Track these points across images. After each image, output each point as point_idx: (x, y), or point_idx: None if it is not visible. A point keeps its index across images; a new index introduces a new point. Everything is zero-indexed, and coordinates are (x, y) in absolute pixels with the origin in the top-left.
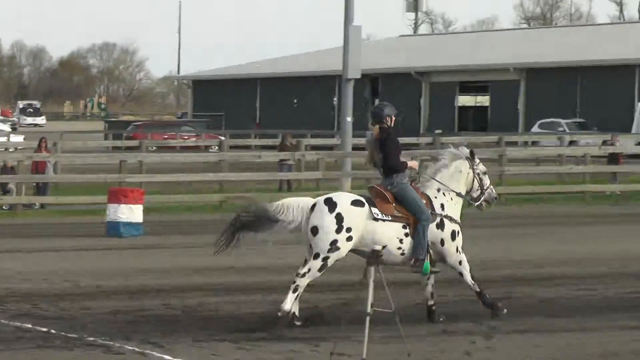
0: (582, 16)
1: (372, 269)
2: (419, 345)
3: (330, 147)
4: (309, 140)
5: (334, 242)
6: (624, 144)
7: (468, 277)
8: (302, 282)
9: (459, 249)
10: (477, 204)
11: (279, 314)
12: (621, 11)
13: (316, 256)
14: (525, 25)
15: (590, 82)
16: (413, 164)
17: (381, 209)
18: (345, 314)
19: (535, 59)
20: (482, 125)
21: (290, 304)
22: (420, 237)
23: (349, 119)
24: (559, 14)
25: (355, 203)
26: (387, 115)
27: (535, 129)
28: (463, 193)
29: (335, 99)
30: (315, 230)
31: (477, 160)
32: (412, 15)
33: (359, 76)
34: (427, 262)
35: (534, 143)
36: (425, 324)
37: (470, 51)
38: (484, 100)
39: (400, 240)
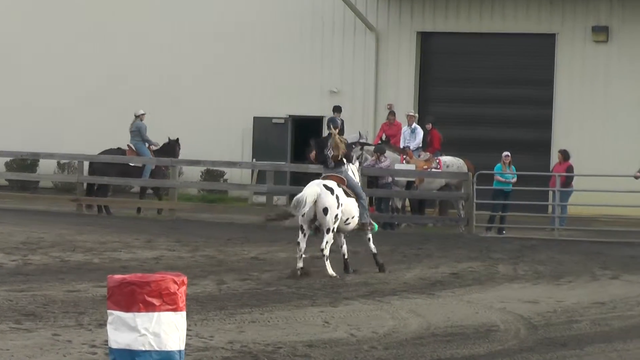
0: None
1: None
2: None
3: None
4: None
5: (336, 216)
6: None
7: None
8: (327, 251)
9: None
10: None
11: (333, 276)
12: None
13: (328, 230)
14: None
15: None
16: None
17: (345, 191)
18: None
19: None
20: None
21: (330, 268)
22: (363, 209)
23: None
24: None
25: (339, 186)
26: (340, 123)
27: None
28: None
29: None
30: (326, 210)
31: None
32: None
33: None
34: (375, 223)
35: None
36: None
37: None
38: None
39: (356, 211)
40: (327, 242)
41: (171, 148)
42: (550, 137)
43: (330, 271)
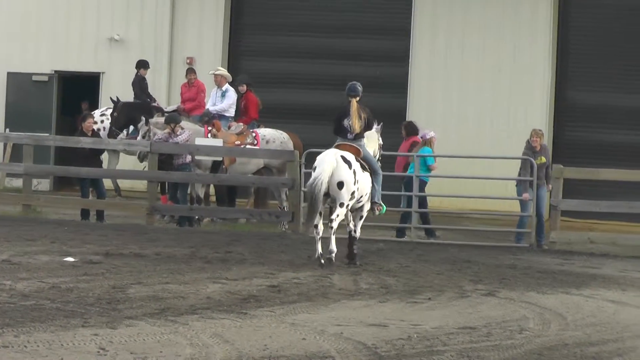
0: None
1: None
2: None
3: None
4: None
5: (352, 192)
6: None
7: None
8: (335, 225)
9: None
10: None
11: (332, 255)
12: None
13: (341, 205)
14: None
15: None
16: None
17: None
18: None
19: None
20: None
21: (334, 244)
22: (377, 186)
23: None
24: None
25: (356, 159)
26: (361, 91)
27: None
28: (372, 153)
29: None
30: (341, 185)
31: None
32: None
33: None
34: (384, 205)
35: None
36: None
37: None
38: None
39: (369, 188)
40: (337, 215)
41: None
42: (405, 105)
43: (333, 246)
